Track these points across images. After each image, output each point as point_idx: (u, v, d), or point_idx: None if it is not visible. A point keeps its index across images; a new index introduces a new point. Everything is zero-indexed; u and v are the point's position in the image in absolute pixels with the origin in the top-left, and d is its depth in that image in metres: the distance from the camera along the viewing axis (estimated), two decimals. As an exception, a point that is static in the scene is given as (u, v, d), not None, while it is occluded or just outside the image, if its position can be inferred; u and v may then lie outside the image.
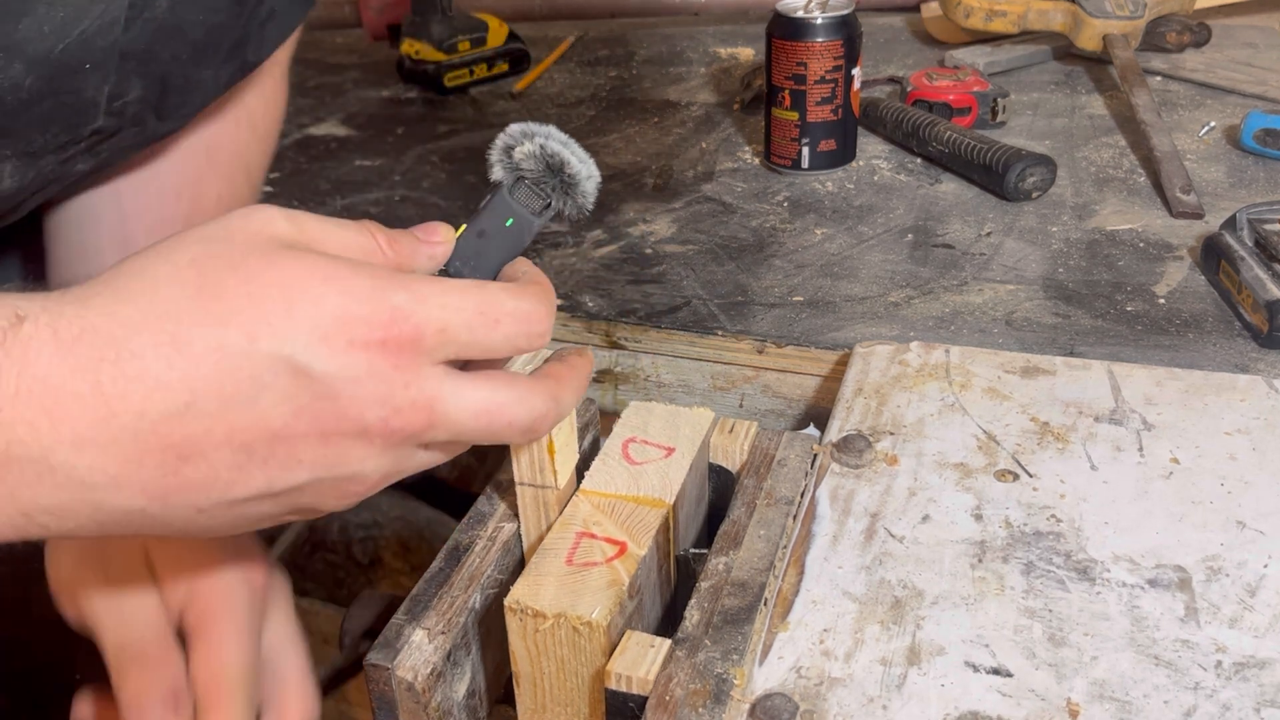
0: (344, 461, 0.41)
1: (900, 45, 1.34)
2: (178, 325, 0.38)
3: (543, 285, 0.46)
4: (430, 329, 0.41)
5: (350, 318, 0.40)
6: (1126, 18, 1.14)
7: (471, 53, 1.34)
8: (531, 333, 0.44)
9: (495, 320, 0.43)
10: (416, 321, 0.41)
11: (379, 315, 0.40)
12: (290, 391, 0.39)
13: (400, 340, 0.40)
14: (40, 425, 0.37)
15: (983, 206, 0.94)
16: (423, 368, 0.41)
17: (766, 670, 0.49)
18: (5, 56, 0.52)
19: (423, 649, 0.51)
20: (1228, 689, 0.47)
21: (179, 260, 0.40)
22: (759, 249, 0.90)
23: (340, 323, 0.39)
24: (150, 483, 0.39)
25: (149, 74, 0.60)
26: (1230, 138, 1.02)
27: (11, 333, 0.37)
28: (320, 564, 1.34)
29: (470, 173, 1.10)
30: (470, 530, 0.57)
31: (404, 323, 0.40)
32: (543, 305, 0.45)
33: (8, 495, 0.38)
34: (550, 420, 0.45)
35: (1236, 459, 0.59)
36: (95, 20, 0.55)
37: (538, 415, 0.45)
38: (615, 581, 0.50)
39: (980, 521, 0.56)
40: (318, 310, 0.39)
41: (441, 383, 0.42)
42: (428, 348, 0.41)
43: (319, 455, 0.41)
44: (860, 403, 0.66)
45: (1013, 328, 0.77)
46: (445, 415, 0.42)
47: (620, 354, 0.83)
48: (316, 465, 0.41)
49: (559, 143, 0.49)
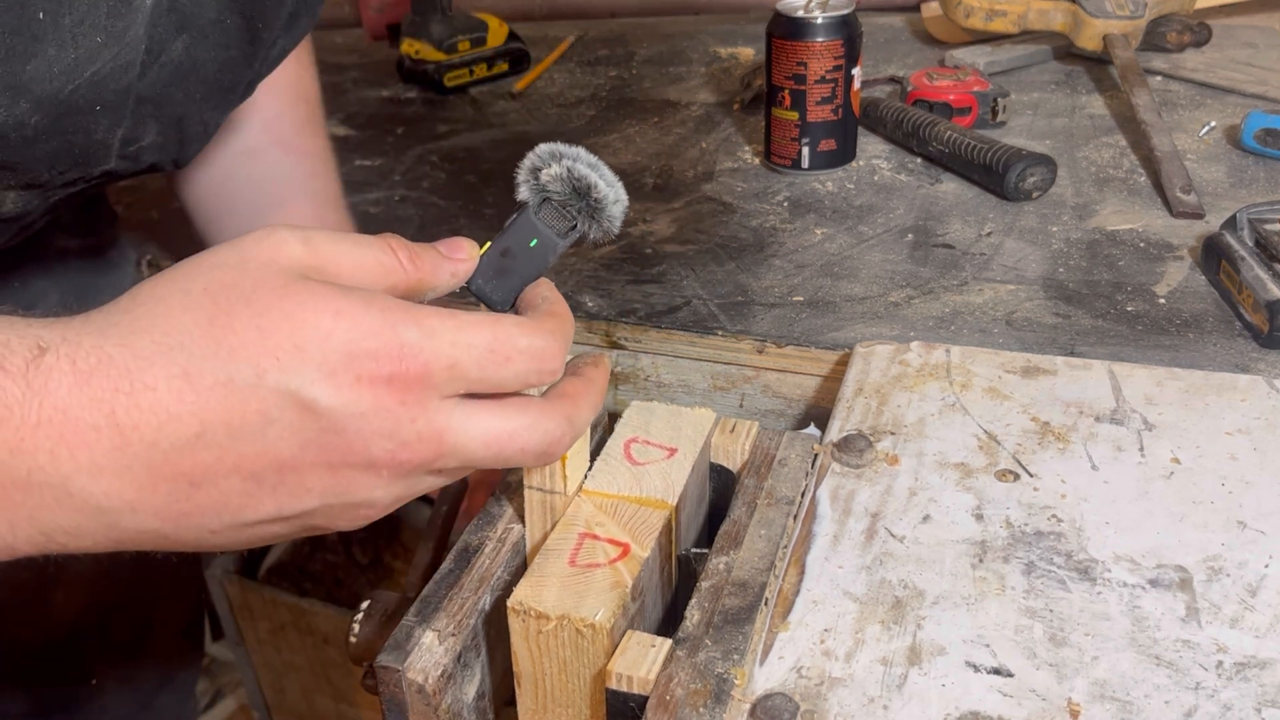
0: (351, 490, 0.42)
1: (900, 45, 1.34)
2: (189, 358, 0.39)
3: (559, 318, 0.46)
4: (439, 365, 0.41)
5: (358, 354, 0.40)
6: (1127, 18, 1.14)
7: (471, 52, 1.34)
8: (544, 369, 0.44)
9: (506, 358, 0.43)
10: (425, 359, 0.41)
11: (388, 351, 0.40)
12: (297, 425, 0.40)
13: (408, 377, 0.41)
14: (59, 454, 0.39)
15: (983, 206, 0.94)
16: (430, 401, 0.41)
17: (767, 670, 0.49)
18: (11, 95, 0.52)
19: (433, 651, 0.51)
20: (1228, 689, 0.47)
21: (193, 289, 0.41)
22: (759, 249, 0.90)
23: (348, 359, 0.40)
24: (163, 507, 0.41)
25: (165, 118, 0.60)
26: (1230, 138, 1.02)
27: (34, 365, 0.39)
28: (320, 564, 1.34)
29: (470, 173, 1.10)
30: (479, 531, 0.57)
31: (413, 359, 0.41)
32: (556, 341, 0.45)
33: (28, 517, 0.40)
34: (566, 442, 0.45)
35: (1237, 459, 0.59)
36: (108, 63, 0.55)
37: (552, 439, 0.45)
38: (618, 583, 0.50)
39: (981, 521, 0.56)
40: (326, 345, 0.40)
41: (450, 415, 0.42)
42: (436, 383, 0.41)
43: (327, 484, 0.42)
44: (861, 403, 0.66)
45: (1013, 328, 0.77)
46: (454, 446, 0.42)
47: (620, 354, 0.83)
48: (325, 493, 0.42)
49: (586, 165, 0.49)
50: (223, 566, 1.31)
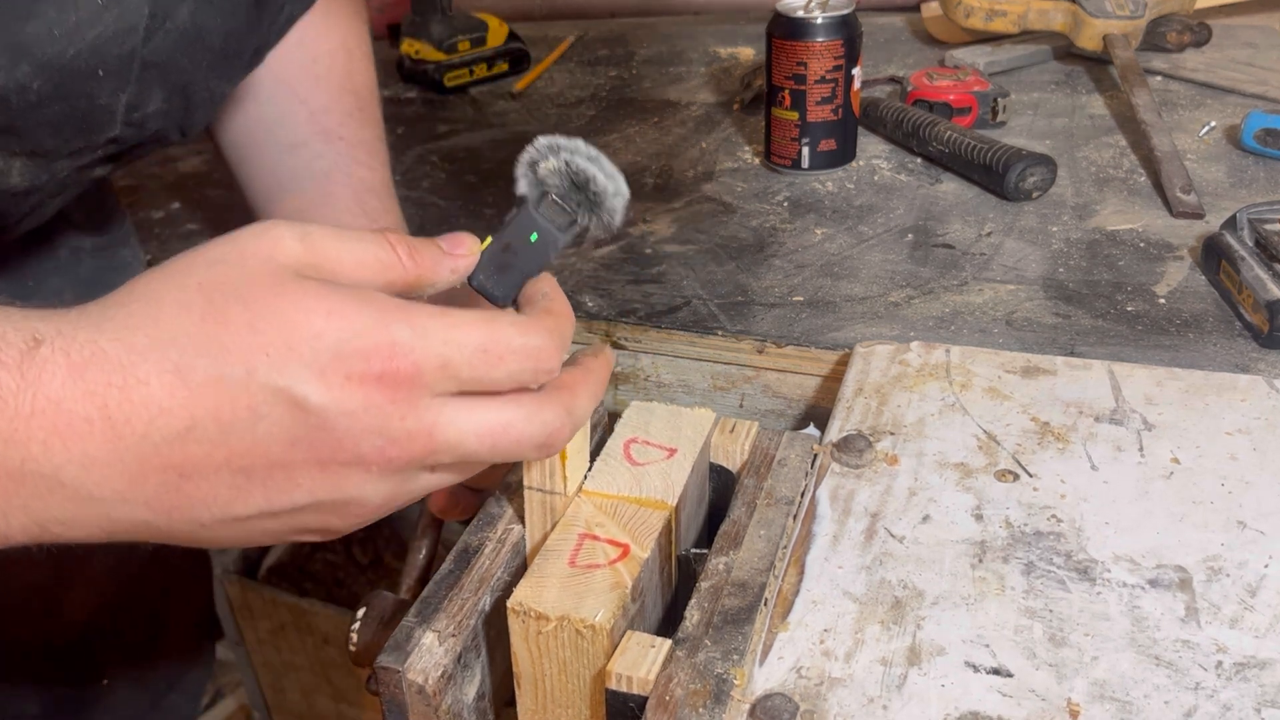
0: (341, 487, 0.42)
1: (900, 45, 1.34)
2: (181, 354, 0.40)
3: (557, 316, 0.46)
4: (430, 365, 0.41)
5: (349, 353, 0.40)
6: (1127, 18, 1.14)
7: (471, 52, 1.34)
8: (539, 369, 0.44)
9: (499, 357, 0.43)
10: (416, 358, 0.41)
11: (379, 350, 0.40)
12: (287, 421, 0.40)
13: (398, 375, 0.41)
14: (52, 444, 0.39)
15: (983, 206, 0.94)
16: (421, 399, 0.41)
17: (767, 670, 0.49)
18: (11, 56, 0.52)
19: (433, 652, 0.51)
20: (1228, 689, 0.47)
21: (188, 284, 0.41)
22: (759, 249, 0.90)
23: (339, 358, 0.40)
24: (154, 499, 0.41)
25: (171, 84, 0.60)
26: (1230, 138, 1.02)
27: (29, 357, 0.39)
28: (320, 564, 1.35)
29: (470, 172, 1.11)
30: (479, 532, 0.57)
31: (403, 358, 0.41)
32: (553, 340, 0.44)
33: (22, 507, 0.40)
34: (565, 433, 0.45)
35: (1237, 459, 0.59)
36: (110, 26, 0.55)
37: (550, 430, 0.44)
38: (618, 584, 0.50)
39: (980, 521, 0.56)
40: (318, 345, 0.40)
41: (441, 410, 0.42)
42: (428, 382, 0.41)
43: (317, 481, 0.42)
44: (860, 403, 0.66)
45: (1013, 328, 0.77)
46: (446, 441, 0.42)
47: (620, 354, 0.83)
48: (315, 490, 0.42)
49: (585, 158, 0.49)
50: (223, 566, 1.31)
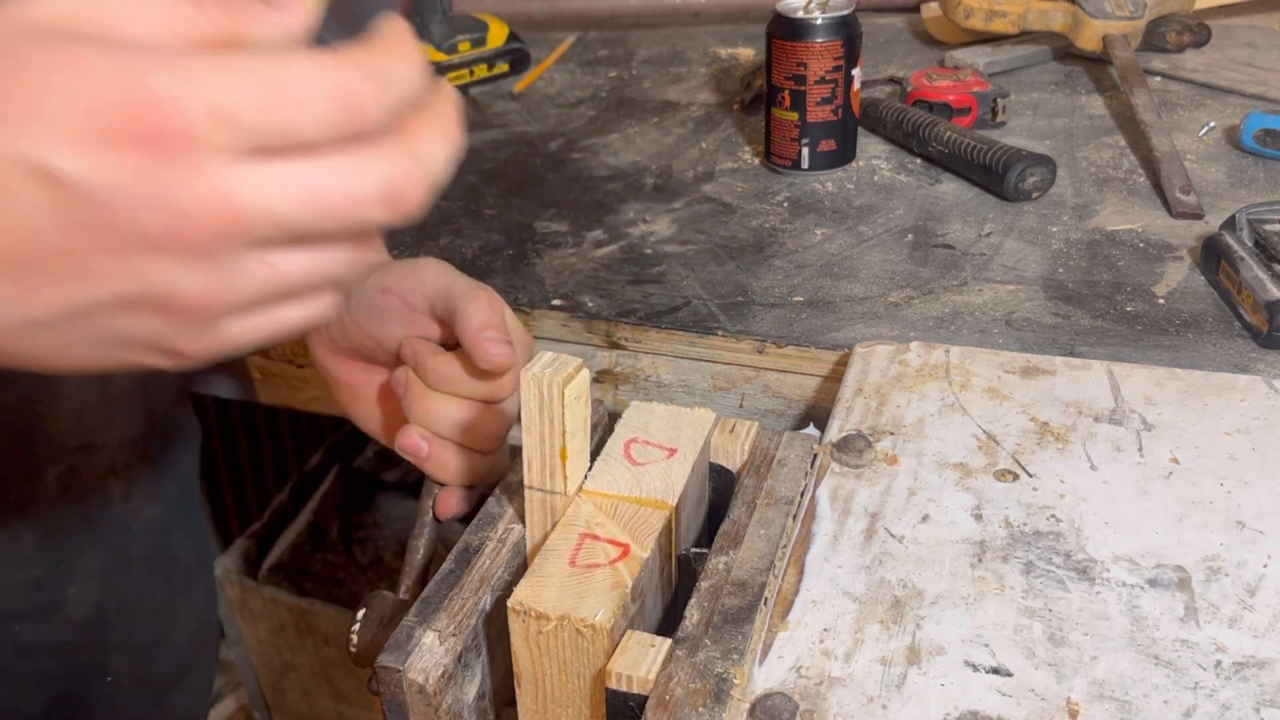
0: (144, 276, 0.36)
1: (900, 45, 1.35)
2: None
3: (379, 51, 0.36)
4: (199, 114, 0.34)
5: (98, 108, 0.33)
6: (1126, 18, 1.14)
7: (471, 53, 1.34)
8: (352, 111, 0.35)
9: (295, 101, 0.34)
10: (181, 107, 0.33)
11: (135, 103, 0.33)
12: (49, 201, 0.34)
13: (163, 132, 0.33)
14: None
15: (983, 206, 0.94)
16: (202, 160, 0.34)
17: (766, 670, 0.49)
18: None
19: (434, 651, 0.51)
20: (1227, 689, 0.47)
21: None
22: (759, 249, 0.91)
23: (87, 114, 0.33)
24: None
25: None
26: (1230, 138, 1.02)
27: None
28: (320, 564, 1.35)
29: (470, 173, 1.11)
30: (480, 532, 0.57)
31: (165, 108, 0.33)
32: (367, 76, 0.35)
33: None
34: (416, 180, 0.37)
35: (1236, 459, 0.59)
36: None
37: (392, 181, 0.36)
38: (618, 584, 0.50)
39: (980, 521, 0.56)
40: (63, 104, 0.33)
41: (233, 172, 0.34)
42: (202, 137, 0.34)
43: (113, 270, 0.36)
44: (860, 403, 0.66)
45: (1013, 328, 0.77)
46: (253, 208, 0.35)
47: (620, 354, 0.83)
48: (114, 282, 0.36)
49: None
50: (223, 567, 1.31)
